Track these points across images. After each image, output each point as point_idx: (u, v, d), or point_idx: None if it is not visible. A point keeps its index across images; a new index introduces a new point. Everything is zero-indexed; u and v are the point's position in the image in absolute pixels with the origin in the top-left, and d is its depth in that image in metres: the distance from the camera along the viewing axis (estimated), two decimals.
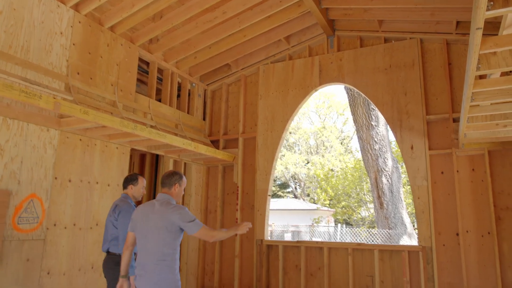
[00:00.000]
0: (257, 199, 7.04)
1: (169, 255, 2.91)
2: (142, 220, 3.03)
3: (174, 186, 3.12)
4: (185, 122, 7.16)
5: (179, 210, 2.96)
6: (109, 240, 3.73)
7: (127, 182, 3.94)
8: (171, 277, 2.88)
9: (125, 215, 3.59)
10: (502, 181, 5.58)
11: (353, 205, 18.21)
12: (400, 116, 6.24)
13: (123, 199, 3.85)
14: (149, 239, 2.94)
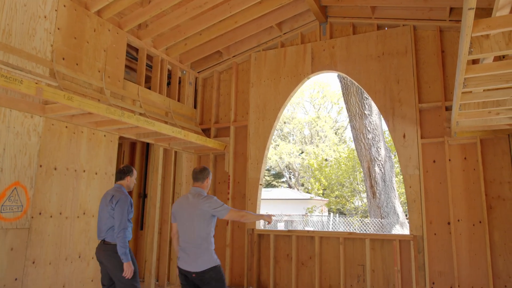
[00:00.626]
0: (249, 188, 6.98)
1: (205, 239, 3.36)
2: (180, 212, 3.50)
3: (205, 180, 3.61)
4: (176, 110, 7.05)
5: (209, 200, 3.42)
6: (105, 230, 3.80)
7: (124, 173, 4.02)
8: (208, 256, 3.34)
9: (122, 204, 3.72)
10: (493, 170, 5.55)
11: (346, 194, 18.25)
12: (392, 104, 6.17)
13: (118, 189, 3.92)
14: (186, 227, 3.41)
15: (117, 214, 3.69)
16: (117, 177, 4.06)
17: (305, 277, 6.44)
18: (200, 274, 3.27)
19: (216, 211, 3.39)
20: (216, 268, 3.33)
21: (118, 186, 3.99)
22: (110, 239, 3.77)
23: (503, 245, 5.34)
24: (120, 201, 3.74)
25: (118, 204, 3.73)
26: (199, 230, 3.35)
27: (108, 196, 3.89)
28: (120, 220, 3.66)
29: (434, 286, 5.59)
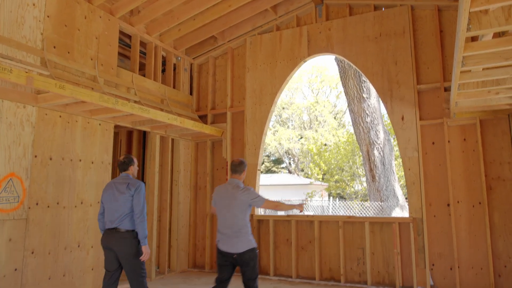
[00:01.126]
0: (247, 174, 6.94)
1: (242, 227, 3.77)
2: (220, 200, 3.91)
3: (242, 172, 3.98)
4: (171, 97, 6.96)
5: (247, 191, 3.82)
6: (118, 218, 3.84)
7: (127, 164, 4.12)
8: (247, 240, 3.76)
9: (141, 191, 3.89)
10: (493, 151, 5.50)
11: (346, 179, 18.27)
12: (390, 86, 6.09)
13: (128, 177, 4.03)
14: (225, 214, 3.82)
15: (138, 200, 3.84)
16: (120, 168, 4.12)
17: (305, 261, 6.46)
18: (241, 255, 3.72)
19: (254, 201, 3.79)
20: (253, 250, 3.79)
21: (125, 175, 4.07)
22: (123, 226, 3.83)
23: (503, 226, 5.33)
24: (138, 188, 3.88)
25: (138, 191, 3.87)
26: (238, 217, 3.75)
27: (119, 184, 3.94)
28: (141, 206, 3.83)
29: (433, 267, 5.60)
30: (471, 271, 5.40)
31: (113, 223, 3.85)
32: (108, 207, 3.92)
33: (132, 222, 3.85)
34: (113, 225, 3.85)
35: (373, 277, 5.92)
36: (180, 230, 7.05)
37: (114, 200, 3.90)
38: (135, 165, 4.19)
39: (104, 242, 3.91)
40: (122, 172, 4.12)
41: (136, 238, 3.84)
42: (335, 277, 6.20)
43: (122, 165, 4.11)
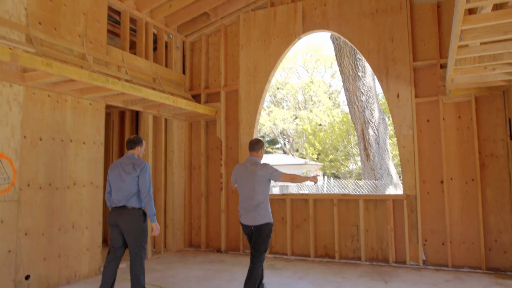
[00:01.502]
0: (241, 153, 6.91)
1: (262, 201, 4.01)
2: (239, 176, 4.17)
3: (260, 150, 4.19)
4: (163, 76, 6.83)
5: (265, 166, 4.05)
6: (125, 197, 3.96)
7: (135, 143, 4.19)
8: (265, 214, 4.00)
9: (146, 171, 4.00)
10: (487, 128, 5.49)
11: (340, 158, 18.32)
12: (386, 63, 6.01)
13: (133, 157, 4.11)
14: (246, 190, 4.06)
15: (144, 180, 3.96)
16: (128, 146, 4.19)
17: (300, 239, 6.51)
18: (257, 227, 3.98)
19: (272, 176, 4.02)
20: (270, 224, 4.03)
21: (130, 155, 4.13)
22: (132, 204, 3.96)
23: (494, 202, 5.37)
24: (144, 168, 3.99)
25: (143, 171, 3.98)
26: (257, 193, 3.98)
27: (125, 165, 4.03)
28: (148, 186, 3.96)
29: (426, 243, 5.67)
30: (463, 246, 5.47)
31: (120, 202, 3.97)
32: (115, 187, 4.02)
33: (139, 200, 3.99)
34: (121, 203, 3.97)
35: (367, 253, 5.99)
36: (175, 210, 7.05)
37: (121, 180, 3.98)
38: (143, 147, 4.26)
39: (112, 219, 4.01)
40: (129, 150, 4.19)
41: (142, 216, 3.99)
42: (329, 254, 6.26)
43: (130, 143, 4.19)
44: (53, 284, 4.70)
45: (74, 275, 4.97)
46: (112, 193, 4.05)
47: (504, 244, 5.26)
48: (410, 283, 4.76)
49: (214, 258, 6.38)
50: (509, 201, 5.28)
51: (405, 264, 5.64)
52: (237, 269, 5.63)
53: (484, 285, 4.60)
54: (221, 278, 5.10)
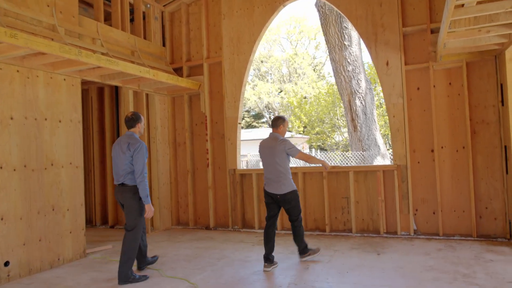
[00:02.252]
0: (227, 128, 6.69)
1: (283, 172, 4.40)
2: (262, 151, 4.54)
3: (279, 127, 4.52)
4: (142, 48, 6.47)
5: (284, 142, 4.42)
6: (123, 175, 4.07)
7: (134, 121, 4.22)
8: (288, 184, 4.41)
9: (140, 152, 4.04)
10: (478, 94, 5.38)
11: (327, 130, 18.25)
12: (375, 29, 5.79)
13: (131, 136, 4.16)
14: (268, 162, 4.47)
15: (137, 161, 4.01)
16: (127, 125, 4.24)
17: None
18: (283, 196, 4.38)
19: (290, 151, 4.38)
20: (294, 191, 4.43)
21: (130, 133, 4.21)
22: (128, 182, 4.08)
23: (485, 169, 5.32)
24: (138, 148, 4.03)
25: (137, 151, 4.02)
26: (278, 165, 4.36)
27: (123, 143, 4.09)
28: (140, 167, 4.01)
29: (417, 212, 5.63)
30: (453, 214, 5.45)
31: (119, 180, 4.11)
32: (115, 163, 4.17)
33: (134, 179, 4.08)
34: (119, 181, 4.11)
35: (358, 225, 5.94)
36: (161, 188, 6.85)
37: (118, 158, 4.11)
38: (142, 123, 4.32)
39: (117, 196, 4.21)
40: (129, 129, 4.24)
41: (137, 194, 4.07)
42: (320, 227, 6.20)
43: (129, 121, 4.21)
44: (35, 269, 4.50)
45: (57, 259, 4.78)
46: (113, 170, 4.20)
47: (494, 211, 5.25)
48: (402, 253, 4.72)
49: (203, 236, 6.25)
50: (499, 167, 5.24)
51: (396, 235, 5.61)
52: (227, 246, 5.52)
53: (476, 253, 4.59)
54: (211, 256, 4.98)
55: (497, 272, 3.89)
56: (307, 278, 3.98)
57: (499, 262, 4.19)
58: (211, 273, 4.27)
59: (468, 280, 3.69)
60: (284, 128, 4.56)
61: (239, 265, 4.56)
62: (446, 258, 4.44)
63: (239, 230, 6.57)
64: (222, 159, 6.78)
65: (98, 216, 7.38)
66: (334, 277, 4.00)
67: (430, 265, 4.19)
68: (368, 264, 4.36)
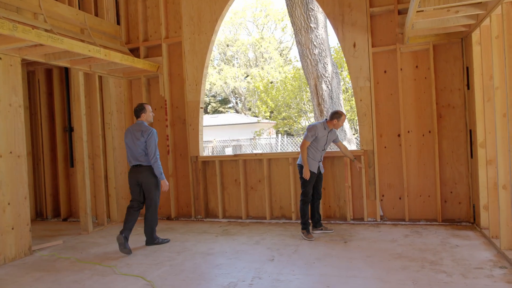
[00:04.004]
0: (189, 113, 6.32)
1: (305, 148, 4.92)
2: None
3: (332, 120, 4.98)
4: (94, 26, 5.93)
5: (308, 128, 4.98)
6: (140, 157, 4.70)
7: (139, 112, 4.81)
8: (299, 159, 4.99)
9: (152, 137, 4.69)
10: (445, 77, 5.29)
11: (293, 115, 18.14)
12: (341, 9, 5.55)
13: (142, 124, 4.77)
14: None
15: (150, 145, 4.67)
16: (136, 116, 4.83)
17: (255, 201, 6.19)
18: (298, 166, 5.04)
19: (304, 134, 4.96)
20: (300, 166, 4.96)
21: (140, 122, 4.80)
22: (144, 163, 4.70)
23: (450, 153, 5.29)
24: (150, 134, 4.69)
25: (149, 137, 4.68)
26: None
27: (136, 131, 4.72)
28: (153, 150, 4.67)
29: (383, 198, 5.55)
30: (419, 199, 5.41)
31: (136, 161, 4.71)
32: (129, 149, 4.75)
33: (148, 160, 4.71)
34: (136, 162, 4.71)
35: (325, 212, 5.80)
36: (118, 178, 6.41)
37: (133, 144, 4.70)
38: (148, 112, 4.83)
39: (132, 176, 4.77)
40: (137, 119, 4.83)
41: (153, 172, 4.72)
42: (286, 215, 6.02)
43: (136, 112, 4.82)
44: None
45: None
46: (128, 154, 4.78)
47: (459, 195, 5.24)
48: (369, 241, 4.60)
49: (164, 227, 5.92)
50: (464, 152, 5.21)
51: (363, 221, 5.51)
52: (188, 237, 5.22)
53: (442, 238, 4.54)
54: (171, 249, 4.67)
55: (464, 258, 3.83)
56: (272, 271, 3.77)
57: (465, 248, 4.15)
58: (170, 269, 3.97)
59: (436, 268, 3.60)
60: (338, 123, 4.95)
61: (201, 258, 4.29)
62: (413, 244, 4.36)
63: (202, 219, 6.28)
64: (183, 146, 6.42)
65: (49, 208, 6.84)
66: (301, 268, 3.81)
67: (398, 253, 4.09)
68: (335, 253, 4.21)
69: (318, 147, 4.95)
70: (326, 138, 4.97)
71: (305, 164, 4.85)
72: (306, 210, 4.91)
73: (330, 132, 5.00)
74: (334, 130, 5.06)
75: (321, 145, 4.96)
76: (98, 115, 5.99)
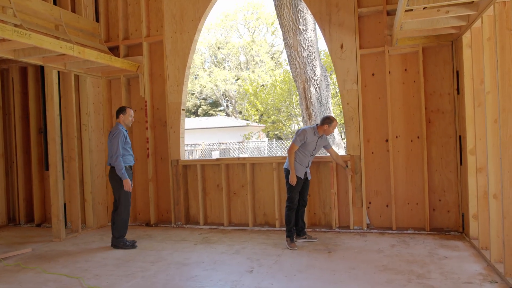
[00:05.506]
0: (170, 114, 6.06)
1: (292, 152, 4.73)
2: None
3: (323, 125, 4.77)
4: (70, 23, 5.65)
5: (297, 132, 4.77)
6: (109, 158, 4.87)
7: (117, 113, 4.99)
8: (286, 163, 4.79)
9: (115, 137, 4.79)
10: (434, 81, 5.12)
11: (283, 119, 17.95)
12: (329, 9, 5.36)
13: (115, 125, 4.92)
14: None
15: (111, 146, 4.80)
16: (116, 116, 5.00)
17: (237, 207, 5.94)
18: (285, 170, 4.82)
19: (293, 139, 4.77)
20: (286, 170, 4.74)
21: (116, 123, 4.95)
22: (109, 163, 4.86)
23: (439, 159, 5.10)
24: (113, 134, 4.81)
25: (110, 137, 4.82)
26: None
27: (109, 133, 4.89)
28: (113, 150, 4.78)
29: (370, 205, 5.34)
30: (407, 207, 5.21)
31: (108, 162, 4.90)
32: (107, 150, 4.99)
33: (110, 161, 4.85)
34: (108, 163, 4.89)
35: (309, 219, 5.58)
36: (95, 182, 6.12)
37: (107, 145, 4.99)
38: (127, 114, 4.95)
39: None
40: (116, 120, 4.99)
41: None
42: (269, 222, 5.78)
43: (116, 113, 5.01)
44: None
45: None
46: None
47: (448, 203, 5.06)
48: (355, 251, 4.38)
49: (142, 234, 5.64)
50: (453, 158, 5.03)
51: (349, 229, 5.29)
52: (166, 245, 4.95)
53: (430, 248, 4.34)
54: (145, 259, 4.39)
55: (453, 271, 3.62)
56: (249, 284, 3.52)
57: (454, 259, 3.95)
58: (141, 281, 3.70)
59: (423, 282, 3.39)
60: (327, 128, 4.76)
61: (175, 269, 4.02)
62: (400, 255, 4.14)
63: (182, 226, 6.01)
64: (164, 149, 6.15)
65: (22, 213, 6.51)
66: (280, 281, 3.57)
67: (384, 265, 3.87)
68: (318, 264, 3.98)
69: (306, 152, 4.76)
70: (316, 143, 4.79)
71: (292, 168, 4.63)
72: (291, 217, 4.67)
73: (321, 138, 4.82)
74: (325, 136, 4.87)
75: (310, 150, 4.77)
76: (74, 116, 5.69)
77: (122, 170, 4.75)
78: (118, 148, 4.76)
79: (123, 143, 4.85)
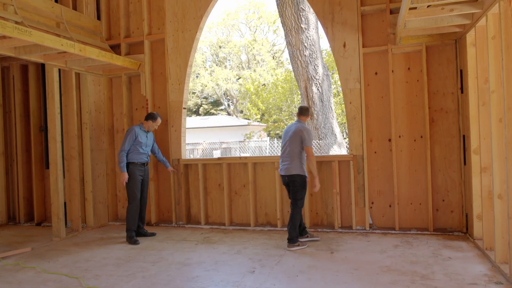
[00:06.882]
0: (171, 113, 6.02)
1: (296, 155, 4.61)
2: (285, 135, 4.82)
3: (307, 116, 4.81)
4: (71, 20, 5.61)
5: (306, 129, 4.63)
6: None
7: (148, 117, 5.31)
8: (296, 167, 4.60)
9: (126, 134, 5.21)
10: (437, 80, 5.07)
11: (284, 118, 17.91)
12: (332, 8, 5.32)
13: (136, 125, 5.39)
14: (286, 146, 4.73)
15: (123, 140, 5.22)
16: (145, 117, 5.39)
17: (239, 207, 5.90)
18: (290, 177, 4.61)
19: (305, 140, 4.57)
20: (302, 176, 4.58)
21: (140, 123, 5.37)
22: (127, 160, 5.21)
23: (443, 159, 5.06)
24: (127, 131, 5.24)
25: (126, 133, 5.24)
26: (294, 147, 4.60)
27: None
28: (122, 143, 5.17)
29: (373, 205, 5.30)
30: (410, 207, 5.17)
31: None
32: None
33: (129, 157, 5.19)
34: None
35: (312, 219, 5.54)
36: (95, 181, 6.09)
37: None
38: (154, 123, 5.32)
39: None
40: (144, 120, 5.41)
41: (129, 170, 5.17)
42: (271, 222, 5.74)
43: (146, 115, 5.41)
44: None
45: None
46: None
47: (451, 203, 5.01)
48: (357, 251, 4.34)
49: None
50: (457, 158, 4.99)
51: (352, 229, 5.25)
52: (166, 245, 4.91)
53: (433, 249, 4.29)
54: (146, 259, 4.36)
55: (457, 272, 3.58)
56: (251, 285, 3.48)
57: (458, 260, 3.90)
58: (141, 282, 3.67)
59: (427, 283, 3.35)
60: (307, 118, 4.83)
61: (176, 269, 3.99)
62: (403, 256, 4.10)
63: (183, 226, 5.98)
64: (165, 148, 6.11)
65: (22, 212, 6.48)
66: (282, 282, 3.54)
67: (387, 266, 3.83)
68: (320, 265, 3.94)
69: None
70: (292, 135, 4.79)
71: (316, 174, 4.61)
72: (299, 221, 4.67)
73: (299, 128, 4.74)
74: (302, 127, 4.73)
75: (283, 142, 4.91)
76: (74, 114, 5.66)
77: (121, 163, 5.07)
78: (125, 143, 5.11)
79: (133, 140, 5.15)
